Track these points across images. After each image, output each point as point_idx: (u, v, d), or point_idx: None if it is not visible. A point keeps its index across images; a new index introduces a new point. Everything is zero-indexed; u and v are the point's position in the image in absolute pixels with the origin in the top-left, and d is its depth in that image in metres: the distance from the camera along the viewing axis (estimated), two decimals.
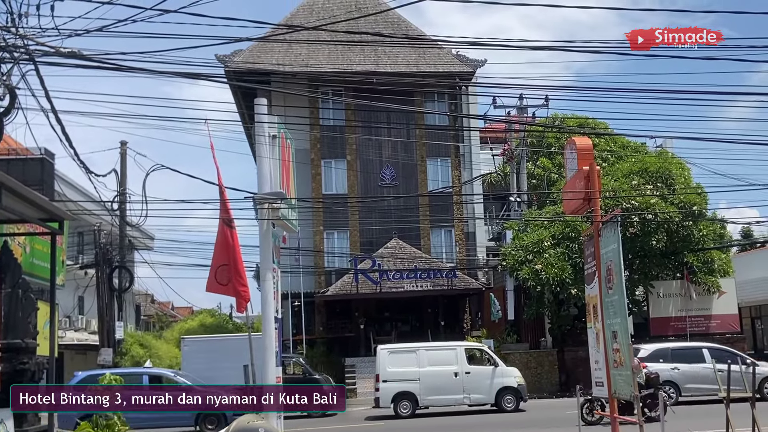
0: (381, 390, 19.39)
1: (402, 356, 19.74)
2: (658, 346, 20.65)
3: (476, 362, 19.81)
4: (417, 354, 19.69)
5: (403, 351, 20.10)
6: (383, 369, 19.53)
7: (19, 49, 10.28)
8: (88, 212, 22.81)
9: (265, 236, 10.38)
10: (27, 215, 8.08)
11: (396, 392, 19.31)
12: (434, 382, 19.28)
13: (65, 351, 24.65)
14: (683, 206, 24.66)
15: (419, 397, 19.29)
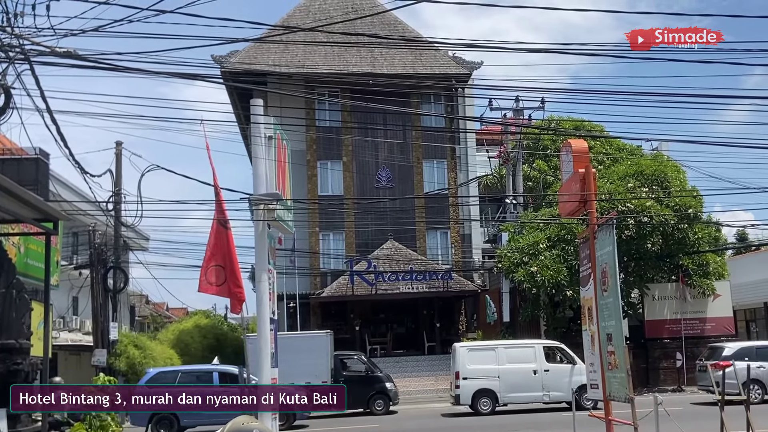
0: (461, 387, 19.59)
1: (481, 354, 20.11)
2: (743, 345, 20.89)
3: (553, 360, 20.10)
4: (496, 352, 20.10)
5: (482, 349, 20.56)
6: (463, 366, 19.76)
7: (15, 49, 10.25)
8: (83, 212, 22.74)
9: (260, 237, 10.37)
10: (21, 215, 8.05)
11: (476, 389, 19.57)
12: (514, 379, 19.52)
13: (59, 351, 24.53)
14: (678, 209, 24.72)
15: (499, 395, 19.54)
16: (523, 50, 11.70)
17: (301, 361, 20.23)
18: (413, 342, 29.54)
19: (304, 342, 21.59)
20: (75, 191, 25.23)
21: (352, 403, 21.58)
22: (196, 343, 33.65)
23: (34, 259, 16.35)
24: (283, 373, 19.50)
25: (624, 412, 9.25)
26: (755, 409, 11.93)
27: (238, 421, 2.47)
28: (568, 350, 20.48)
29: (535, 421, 17.13)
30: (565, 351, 20.35)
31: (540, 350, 20.09)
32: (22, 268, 12.82)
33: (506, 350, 20.15)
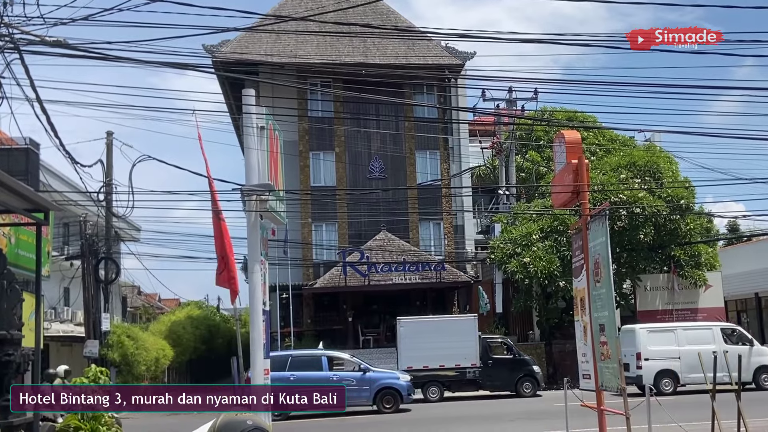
0: (643, 368, 19.81)
1: (661, 335, 20.47)
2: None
3: (731, 341, 20.34)
4: (675, 333, 20.48)
5: (661, 330, 20.95)
6: (644, 348, 20.05)
7: (4, 38, 10.15)
8: (74, 203, 22.61)
9: (253, 228, 10.32)
10: (11, 205, 7.98)
11: (658, 370, 19.93)
12: (694, 360, 19.67)
13: (51, 343, 24.44)
14: (671, 200, 24.81)
15: (680, 375, 19.68)
16: (516, 40, 11.67)
17: (449, 344, 21.00)
18: None
19: (451, 325, 22.16)
20: (66, 181, 25.08)
21: (500, 385, 21.81)
22: (189, 334, 33.66)
23: (25, 249, 16.25)
24: (433, 356, 20.79)
25: (616, 402, 9.29)
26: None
27: (231, 412, 2.45)
28: (746, 332, 21.02)
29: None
30: (742, 333, 20.90)
31: (718, 331, 20.45)
32: (13, 259, 12.74)
33: (685, 332, 20.57)
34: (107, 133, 23.24)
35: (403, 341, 21.93)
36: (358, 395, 18.63)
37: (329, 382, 18.64)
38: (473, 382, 21.66)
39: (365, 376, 19.06)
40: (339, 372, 19.14)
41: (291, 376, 18.43)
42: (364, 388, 18.87)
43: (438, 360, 21.06)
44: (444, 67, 30.28)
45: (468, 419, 16.75)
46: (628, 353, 20.43)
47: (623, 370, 8.86)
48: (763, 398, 16.81)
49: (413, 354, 21.39)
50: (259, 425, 2.32)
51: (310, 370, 18.83)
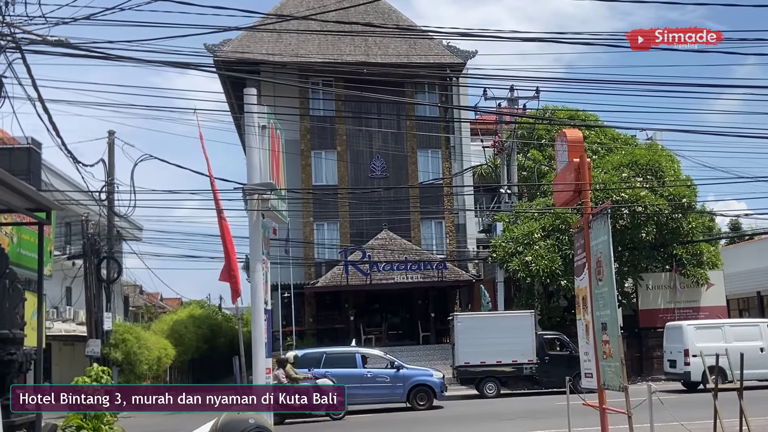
0: (692, 364, 19.76)
1: (708, 332, 20.40)
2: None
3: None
4: (722, 330, 20.42)
5: (708, 327, 20.93)
6: (692, 344, 19.98)
7: (6, 38, 10.16)
8: (76, 202, 22.64)
9: (254, 227, 10.33)
10: (14, 205, 7.99)
11: (707, 366, 19.78)
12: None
13: (53, 342, 24.49)
14: (673, 199, 24.78)
15: (728, 372, 19.78)
16: (518, 39, 11.67)
17: (505, 339, 21.08)
18: (408, 332, 29.60)
19: (507, 321, 22.15)
20: (67, 181, 25.11)
21: (557, 382, 21.84)
22: (191, 333, 33.68)
23: (27, 249, 16.28)
24: (490, 351, 20.86)
25: (618, 400, 9.28)
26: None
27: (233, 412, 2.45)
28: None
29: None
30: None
31: (765, 328, 20.53)
32: (15, 258, 12.76)
33: (732, 328, 20.59)
34: (109, 132, 23.26)
35: (459, 337, 21.96)
36: (392, 392, 18.84)
37: (364, 379, 18.76)
38: (530, 378, 21.67)
39: (399, 373, 19.09)
40: (373, 369, 19.19)
41: (326, 373, 18.61)
42: (398, 385, 18.94)
43: (495, 356, 21.06)
44: (445, 66, 30.26)
45: (475, 418, 16.76)
46: (675, 350, 20.59)
47: (669, 365, 8.85)
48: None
49: (470, 350, 21.46)
50: (261, 424, 2.32)
51: (345, 367, 18.93)
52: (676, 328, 21.06)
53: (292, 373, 17.03)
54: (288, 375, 16.86)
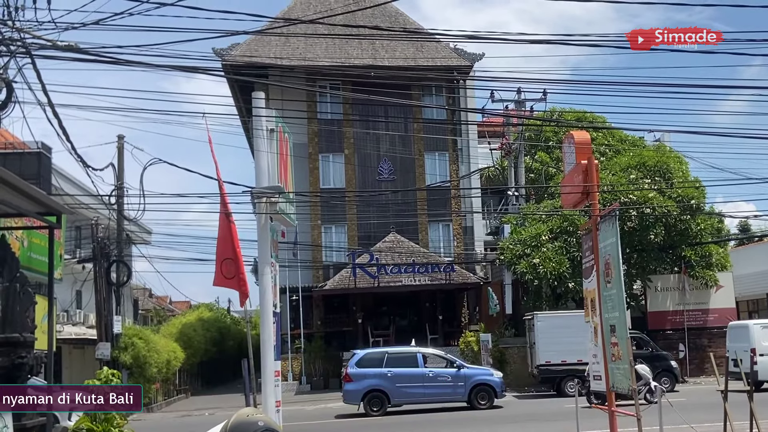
0: (759, 363, 19.77)
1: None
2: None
3: None
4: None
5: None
6: (759, 344, 20.08)
7: (16, 43, 10.24)
8: (86, 206, 22.75)
9: (263, 230, 10.36)
10: (24, 209, 8.05)
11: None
12: None
13: (63, 345, 24.61)
14: (681, 200, 24.69)
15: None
16: (525, 41, 11.66)
17: (578, 339, 20.84)
18: (416, 334, 29.50)
19: (579, 321, 21.95)
20: (77, 185, 25.24)
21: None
22: (200, 336, 33.78)
23: (38, 252, 16.38)
24: (571, 350, 20.71)
25: (626, 402, 9.28)
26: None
27: (243, 413, 2.46)
28: None
29: None
30: None
31: None
32: (26, 262, 12.84)
33: None
34: (118, 136, 23.38)
35: (540, 336, 21.99)
36: (454, 392, 18.94)
37: (425, 379, 18.83)
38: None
39: (460, 372, 19.16)
40: (434, 368, 19.24)
41: (388, 372, 18.87)
42: (459, 384, 19.01)
43: (575, 354, 20.70)
44: (452, 68, 30.28)
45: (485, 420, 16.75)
46: (740, 349, 20.50)
47: (731, 365, 8.83)
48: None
49: (550, 348, 21.48)
50: (270, 426, 2.35)
51: (406, 367, 19.07)
52: (742, 327, 20.94)
53: None
54: None
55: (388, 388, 18.81)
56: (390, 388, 18.82)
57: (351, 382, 18.99)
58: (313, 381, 27.58)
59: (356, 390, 18.80)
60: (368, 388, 18.74)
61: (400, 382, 18.86)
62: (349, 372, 19.03)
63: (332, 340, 28.74)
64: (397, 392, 18.79)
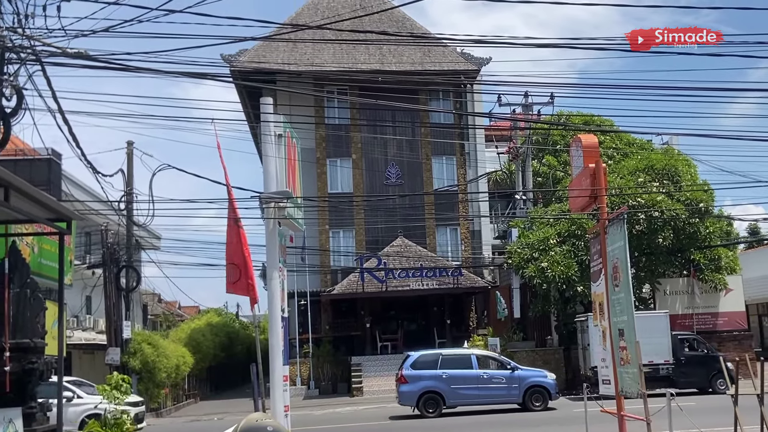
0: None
1: None
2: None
3: None
4: None
5: None
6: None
7: (26, 50, 10.34)
8: (96, 212, 22.89)
9: (271, 235, 10.40)
10: (35, 215, 8.11)
11: None
12: None
13: (73, 350, 24.74)
14: (690, 203, 24.59)
15: None
16: (532, 45, 11.69)
17: (641, 340, 20.65)
18: (424, 339, 29.52)
19: (642, 322, 21.86)
20: (87, 191, 25.40)
21: (694, 382, 21.67)
22: (208, 341, 33.86)
23: (48, 258, 16.44)
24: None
25: (636, 407, 9.25)
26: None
27: (252, 418, 2.49)
28: None
29: None
30: None
31: None
32: (36, 268, 12.91)
33: None
34: (128, 142, 23.52)
35: (594, 339, 22.01)
36: (508, 393, 19.01)
37: (480, 380, 18.89)
38: (666, 378, 21.29)
39: (514, 374, 19.19)
40: (488, 370, 19.30)
41: (443, 374, 18.94)
42: (513, 386, 19.04)
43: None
44: (460, 72, 30.30)
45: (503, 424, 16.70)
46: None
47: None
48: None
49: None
50: (279, 430, 2.37)
51: (461, 368, 19.13)
52: None
53: None
54: None
55: (443, 390, 18.89)
56: (445, 390, 18.89)
57: (406, 384, 19.02)
58: (322, 385, 27.59)
59: (411, 391, 18.84)
60: (423, 389, 18.81)
61: (455, 383, 18.92)
62: (404, 374, 19.08)
63: (340, 344, 28.76)
64: (452, 394, 18.86)
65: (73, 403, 16.60)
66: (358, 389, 25.80)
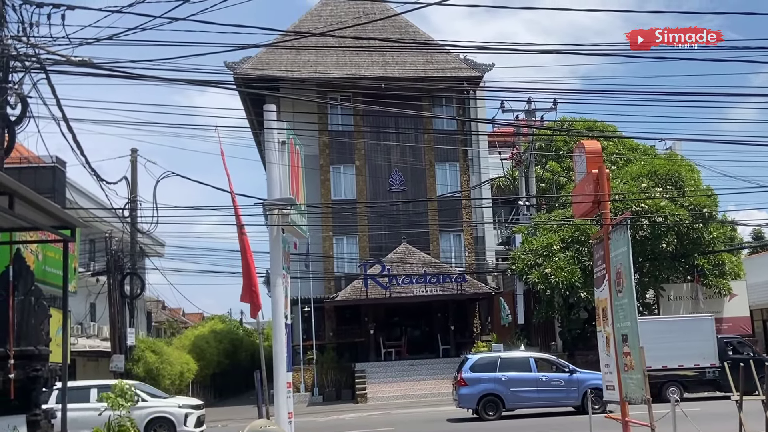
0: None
1: None
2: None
3: None
4: None
5: None
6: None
7: (31, 58, 10.39)
8: (100, 219, 22.95)
9: (275, 242, 10.43)
10: (39, 223, 8.14)
11: None
12: None
13: (77, 358, 24.75)
14: (693, 209, 24.57)
15: None
16: (535, 51, 11.70)
17: (687, 343, 20.78)
18: (428, 345, 29.53)
19: (688, 325, 21.80)
20: (91, 198, 25.46)
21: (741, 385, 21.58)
22: (212, 348, 33.86)
23: (52, 266, 16.47)
24: (672, 355, 20.58)
25: (641, 413, 9.22)
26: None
27: (256, 425, 2.50)
28: None
29: None
30: None
31: None
32: (41, 276, 12.94)
33: None
34: (132, 150, 23.59)
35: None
36: (567, 396, 18.97)
37: (539, 383, 18.97)
38: (712, 382, 21.22)
39: (573, 377, 19.14)
40: (547, 373, 19.30)
41: (502, 377, 19.00)
42: (572, 388, 18.98)
43: (677, 360, 20.63)
44: (462, 79, 30.36)
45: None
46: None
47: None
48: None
49: (651, 354, 21.32)
50: None
51: (519, 371, 19.15)
52: None
53: None
54: None
55: (502, 393, 18.90)
56: (505, 393, 18.90)
57: (465, 386, 19.01)
58: (326, 392, 27.56)
59: (471, 394, 18.87)
60: (483, 392, 18.84)
61: (515, 386, 18.90)
62: (464, 376, 19.09)
63: (344, 351, 28.74)
64: (511, 396, 18.87)
65: (138, 407, 16.91)
66: (362, 396, 25.76)
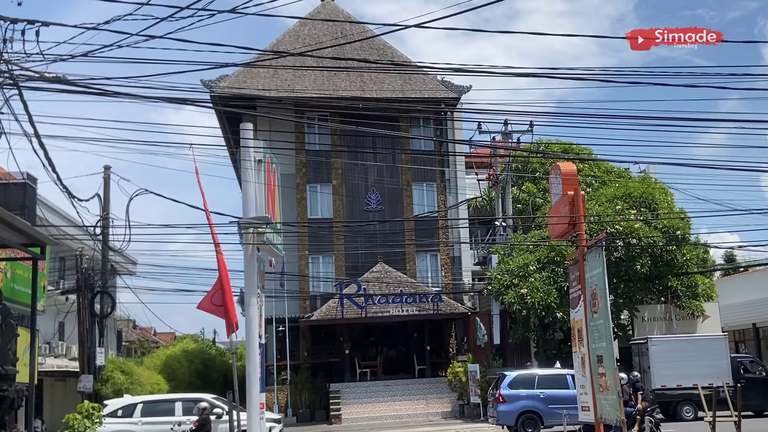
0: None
1: None
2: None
3: None
4: None
5: None
6: None
7: (3, 74, 10.25)
8: (71, 237, 22.61)
9: (250, 261, 10.33)
10: (8, 240, 7.99)
11: None
12: None
13: (45, 378, 24.21)
14: (667, 231, 24.85)
15: None
16: (512, 74, 11.81)
17: (701, 362, 21.02)
18: (403, 365, 29.39)
19: (702, 344, 22.07)
20: (62, 216, 25.07)
21: (755, 405, 21.51)
22: (184, 368, 33.29)
23: (21, 284, 16.16)
24: (686, 374, 20.88)
25: None
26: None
27: None
28: None
29: None
30: None
31: None
32: (9, 294, 12.68)
33: None
34: (105, 167, 23.31)
35: (655, 360, 21.97)
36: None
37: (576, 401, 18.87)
38: (726, 401, 21.43)
39: None
40: None
41: (541, 394, 19.03)
42: None
43: (691, 379, 20.71)
44: (440, 100, 30.55)
45: None
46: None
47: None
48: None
49: (666, 373, 21.43)
50: None
51: (557, 388, 19.10)
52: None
53: None
54: None
55: (541, 409, 18.91)
56: (543, 410, 18.90)
57: (504, 404, 19.04)
58: (300, 413, 27.24)
59: (510, 411, 18.91)
60: (522, 409, 18.89)
61: (553, 403, 18.83)
62: (503, 393, 19.10)
63: (319, 371, 28.47)
64: (550, 413, 18.82)
65: (223, 420, 16.97)
66: (336, 417, 25.51)
